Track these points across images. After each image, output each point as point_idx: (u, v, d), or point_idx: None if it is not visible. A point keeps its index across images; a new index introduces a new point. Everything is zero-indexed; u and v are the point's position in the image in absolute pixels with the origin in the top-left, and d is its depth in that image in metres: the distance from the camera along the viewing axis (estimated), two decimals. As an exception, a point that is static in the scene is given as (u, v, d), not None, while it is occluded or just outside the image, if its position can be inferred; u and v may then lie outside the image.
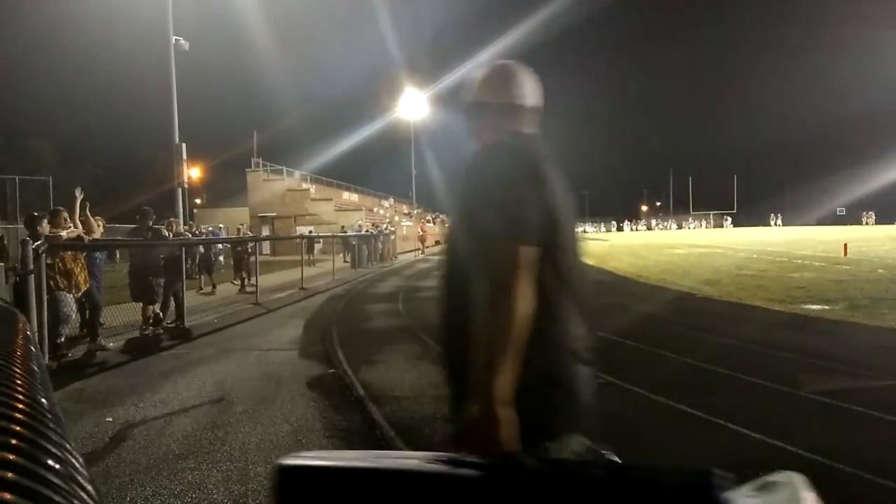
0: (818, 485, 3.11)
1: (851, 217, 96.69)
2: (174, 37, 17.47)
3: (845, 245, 24.43)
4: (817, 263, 19.57)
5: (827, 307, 10.13)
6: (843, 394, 5.13)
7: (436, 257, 31.18)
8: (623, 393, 5.41)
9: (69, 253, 7.54)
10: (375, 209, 53.99)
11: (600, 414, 4.77)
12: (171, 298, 9.60)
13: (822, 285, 13.36)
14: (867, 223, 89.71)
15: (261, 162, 42.15)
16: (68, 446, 0.70)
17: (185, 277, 10.18)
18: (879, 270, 16.47)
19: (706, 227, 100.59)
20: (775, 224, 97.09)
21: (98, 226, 9.10)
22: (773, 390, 5.37)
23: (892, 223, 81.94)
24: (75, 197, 8.15)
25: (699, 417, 4.66)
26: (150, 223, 9.74)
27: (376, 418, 4.80)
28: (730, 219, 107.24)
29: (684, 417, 4.71)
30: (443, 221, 75.10)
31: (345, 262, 25.48)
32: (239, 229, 21.14)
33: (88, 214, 8.72)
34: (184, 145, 17.87)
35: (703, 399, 5.07)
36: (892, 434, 4.26)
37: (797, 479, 1.06)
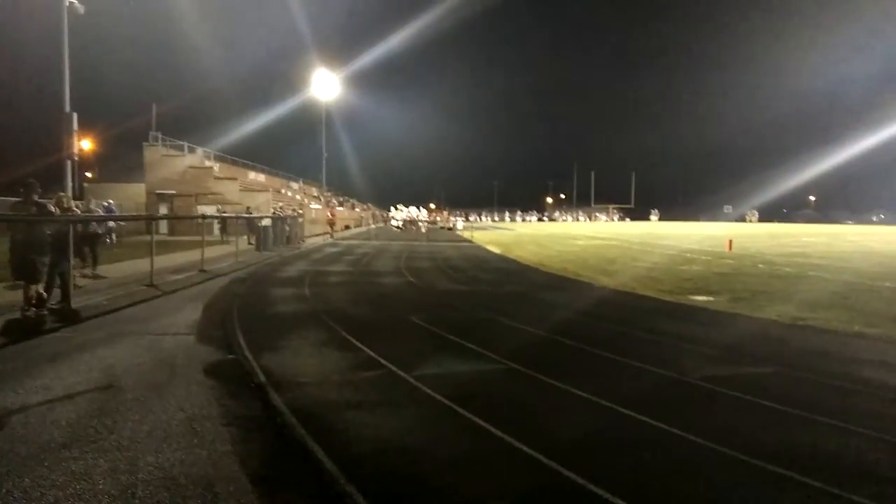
0: (697, 464, 3.35)
1: (737, 215, 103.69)
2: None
3: (730, 241, 26.17)
4: (704, 257, 20.89)
5: (712, 298, 10.86)
6: (722, 379, 5.54)
7: (346, 242, 30.83)
8: (515, 375, 5.59)
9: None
10: (283, 191, 52.61)
11: (490, 395, 4.93)
12: (57, 278, 8.98)
13: (708, 278, 14.29)
14: (751, 221, 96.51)
15: (159, 136, 39.95)
16: None
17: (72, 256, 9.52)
18: (760, 265, 17.80)
19: (605, 219, 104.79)
20: (654, 219, 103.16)
21: None
22: (659, 375, 5.72)
23: (773, 221, 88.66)
24: None
25: (585, 399, 4.89)
26: (36, 197, 9.05)
27: (277, 405, 4.71)
28: (617, 213, 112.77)
29: (571, 398, 4.92)
30: (353, 205, 74.31)
31: (249, 244, 24.70)
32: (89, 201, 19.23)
33: None
34: (75, 115, 16.73)
35: (593, 382, 5.32)
36: (764, 417, 4.64)
37: None
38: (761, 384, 5.46)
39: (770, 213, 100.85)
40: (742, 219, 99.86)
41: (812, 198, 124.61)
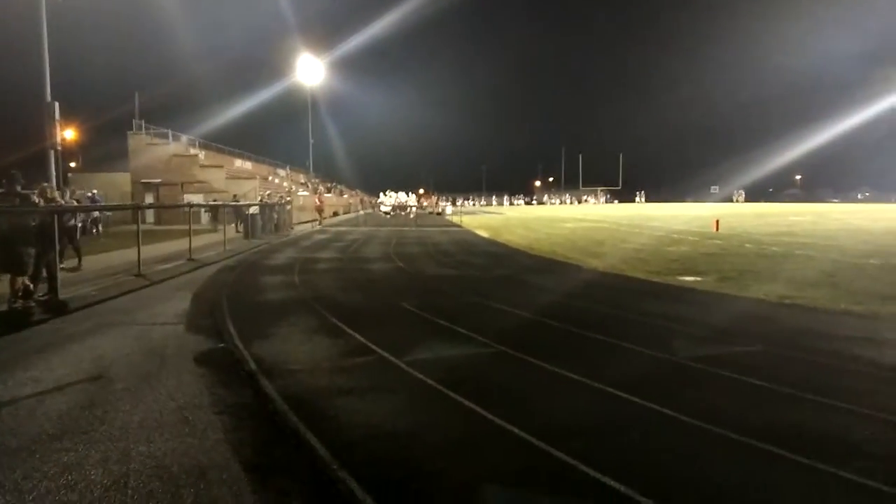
0: (686, 443, 3.38)
1: (724, 195, 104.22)
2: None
3: (717, 221, 26.33)
4: (692, 238, 21.02)
5: (699, 279, 10.94)
6: (710, 359, 5.59)
7: (334, 228, 30.74)
8: (505, 358, 5.62)
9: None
10: (270, 178, 52.24)
11: (480, 378, 4.94)
12: (44, 269, 8.91)
13: (696, 258, 14.39)
14: (738, 201, 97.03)
15: (143, 124, 39.47)
16: None
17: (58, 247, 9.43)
18: (747, 245, 17.94)
19: (594, 202, 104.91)
20: (639, 200, 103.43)
21: None
22: (647, 356, 5.77)
23: (760, 201, 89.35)
24: None
25: (574, 380, 4.93)
26: (19, 188, 8.95)
27: (269, 393, 4.72)
28: (604, 195, 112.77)
29: (560, 380, 4.96)
30: (341, 192, 74.02)
31: (237, 232, 24.57)
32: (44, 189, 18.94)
33: None
34: (56, 104, 16.48)
35: (582, 364, 5.36)
36: (752, 396, 4.70)
37: None
38: (749, 363, 5.52)
39: (756, 193, 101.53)
40: (729, 199, 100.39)
41: (798, 177, 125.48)
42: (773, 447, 3.62)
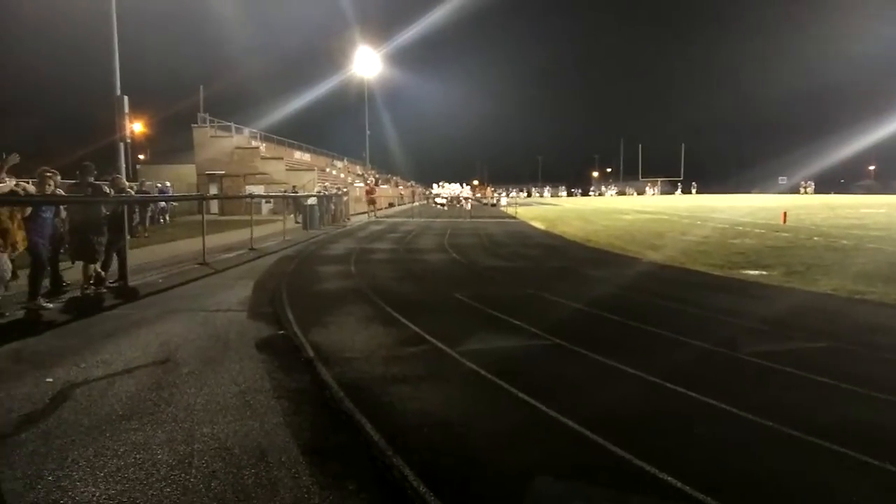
0: (748, 440, 3.26)
1: (791, 186, 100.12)
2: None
3: (784, 213, 25.32)
4: (757, 230, 20.28)
5: (765, 272, 10.55)
6: (775, 355, 5.40)
7: (390, 220, 31.03)
8: (560, 351, 5.57)
9: (5, 210, 7.22)
10: (328, 169, 53.14)
11: (534, 370, 4.90)
12: (115, 257, 9.34)
13: (761, 251, 13.89)
14: (806, 192, 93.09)
15: (207, 118, 40.70)
16: None
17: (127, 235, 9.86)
18: (815, 238, 17.19)
19: (653, 193, 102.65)
20: (693, 192, 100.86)
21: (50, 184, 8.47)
22: (708, 350, 5.61)
23: (829, 193, 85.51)
24: (3, 160, 7.80)
25: (631, 374, 4.84)
26: (91, 179, 9.38)
27: (326, 379, 4.82)
28: (658, 187, 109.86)
29: (617, 374, 4.88)
30: (396, 183, 74.68)
31: (296, 223, 25.12)
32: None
33: (48, 174, 8.27)
34: (126, 98, 17.20)
35: (639, 357, 5.26)
36: (818, 393, 4.51)
37: None
38: (815, 359, 5.30)
39: (827, 185, 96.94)
40: (796, 190, 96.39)
41: (871, 167, 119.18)
42: (839, 446, 3.47)
